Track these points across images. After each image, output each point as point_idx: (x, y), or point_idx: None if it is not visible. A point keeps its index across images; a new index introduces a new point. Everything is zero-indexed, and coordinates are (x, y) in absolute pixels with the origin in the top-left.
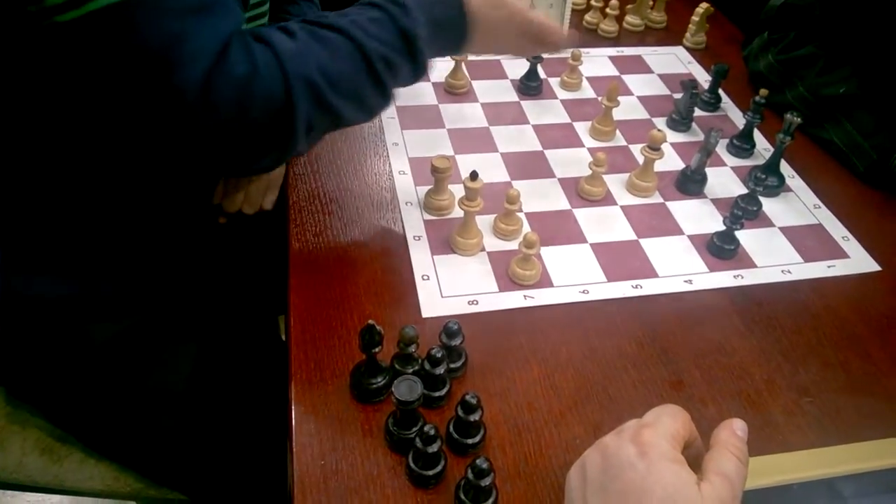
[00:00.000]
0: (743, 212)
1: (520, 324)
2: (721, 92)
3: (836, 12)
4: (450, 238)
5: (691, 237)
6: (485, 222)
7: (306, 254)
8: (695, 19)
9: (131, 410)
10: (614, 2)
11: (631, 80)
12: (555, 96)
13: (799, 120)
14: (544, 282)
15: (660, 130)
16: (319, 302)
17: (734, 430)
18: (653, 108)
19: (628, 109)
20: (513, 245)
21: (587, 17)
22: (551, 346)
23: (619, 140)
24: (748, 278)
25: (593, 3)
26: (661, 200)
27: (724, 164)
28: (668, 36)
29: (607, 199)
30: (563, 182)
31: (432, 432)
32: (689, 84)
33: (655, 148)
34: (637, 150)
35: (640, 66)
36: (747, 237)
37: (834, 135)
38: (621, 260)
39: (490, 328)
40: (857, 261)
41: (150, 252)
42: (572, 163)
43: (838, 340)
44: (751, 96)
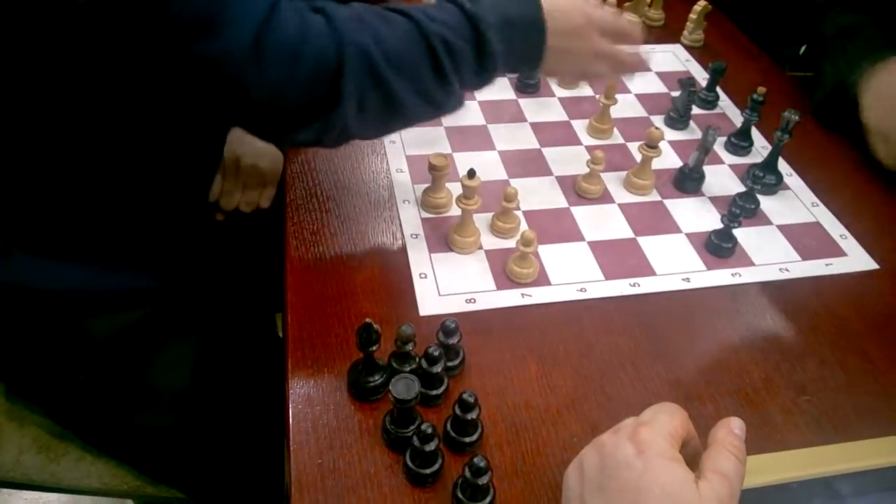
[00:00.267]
0: (741, 210)
1: (517, 322)
2: (719, 90)
3: None
4: (447, 236)
5: (689, 235)
6: (482, 220)
7: (303, 252)
8: (692, 17)
9: (129, 407)
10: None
11: (629, 78)
12: (553, 94)
13: (797, 118)
14: (542, 280)
15: (658, 128)
16: (316, 300)
17: (732, 429)
18: (651, 106)
19: (626, 107)
20: (510, 243)
21: None
22: (549, 344)
23: (617, 138)
24: (746, 276)
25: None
26: (659, 198)
27: (722, 162)
28: (666, 34)
29: (605, 198)
30: (561, 180)
31: (429, 431)
32: (687, 82)
33: (653, 146)
34: (635, 148)
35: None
36: (745, 235)
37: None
38: (619, 258)
39: (487, 326)
40: (855, 259)
41: (148, 247)
42: (570, 161)
43: (836, 339)
44: (748, 94)
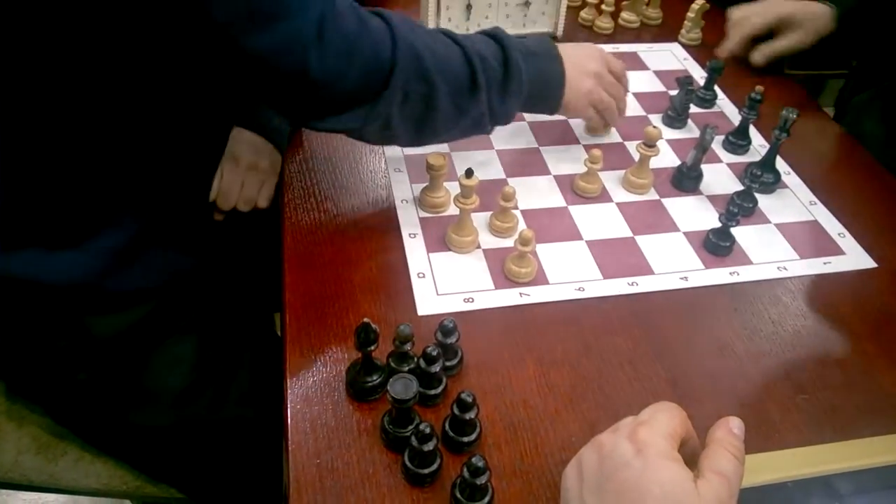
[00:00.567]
0: (739, 208)
1: (515, 321)
2: (717, 88)
3: None
4: (445, 236)
5: (687, 234)
6: (480, 220)
7: (301, 251)
8: (690, 16)
9: (129, 406)
10: None
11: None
12: None
13: (795, 117)
14: (540, 279)
15: (655, 127)
16: (314, 300)
17: (731, 428)
18: (648, 105)
19: None
20: (508, 242)
21: (582, 14)
22: (547, 343)
23: (615, 137)
24: (744, 275)
25: None
26: (657, 197)
27: (720, 161)
28: (664, 32)
29: (603, 197)
30: (559, 179)
31: (428, 430)
32: (685, 81)
33: (651, 145)
34: (633, 146)
35: (636, 63)
36: (743, 234)
37: None
38: (617, 257)
39: (486, 326)
40: (853, 257)
41: (148, 246)
42: (568, 160)
43: (834, 337)
44: (746, 93)
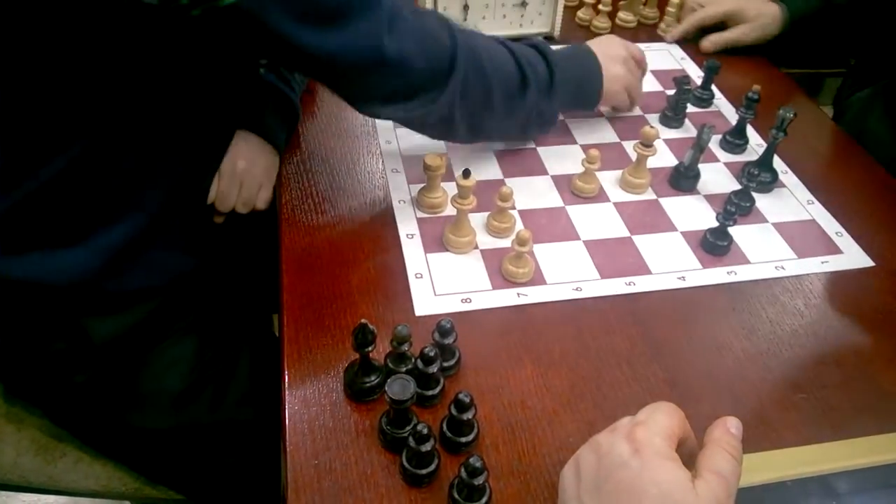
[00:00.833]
0: (736, 208)
1: (513, 322)
2: (714, 88)
3: None
4: (443, 236)
5: (684, 234)
6: (478, 220)
7: (299, 252)
8: (670, 10)
9: (127, 408)
10: None
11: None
12: None
13: (792, 116)
14: (537, 279)
15: (653, 127)
16: (312, 301)
17: (728, 428)
18: (646, 105)
19: None
20: (506, 243)
21: (579, 14)
22: (544, 343)
23: (612, 137)
24: (741, 274)
25: None
26: (655, 197)
27: (717, 160)
28: None
29: (600, 196)
30: (556, 179)
31: (425, 431)
32: (682, 80)
33: (648, 145)
34: (630, 146)
35: None
36: (740, 233)
37: None
38: (614, 257)
39: (483, 326)
40: (851, 256)
41: (147, 248)
42: (565, 160)
43: (832, 336)
44: (743, 92)
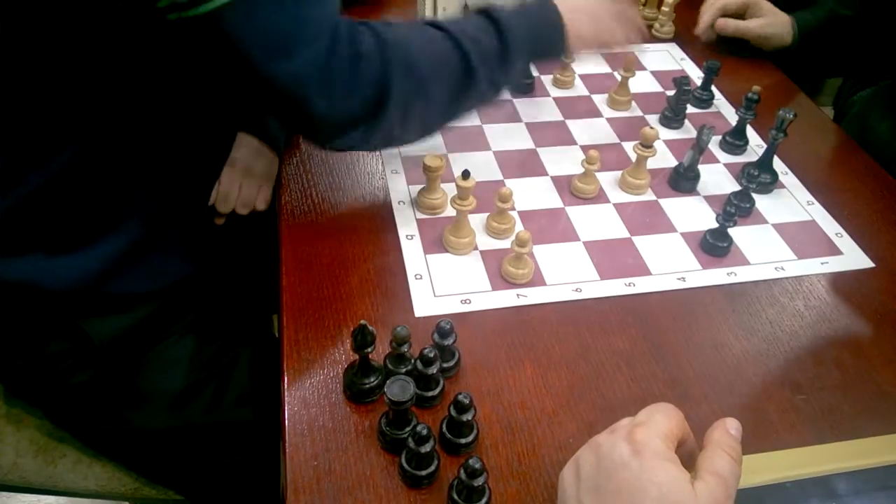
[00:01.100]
0: (736, 209)
1: (512, 323)
2: (714, 89)
3: None
4: (442, 237)
5: (684, 235)
6: (477, 221)
7: (299, 253)
8: (665, 10)
9: (126, 409)
10: None
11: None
12: (547, 94)
13: (792, 116)
14: (537, 280)
15: (652, 128)
16: (312, 302)
17: (728, 429)
18: (645, 106)
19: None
20: (505, 244)
21: None
22: (544, 344)
23: (612, 137)
24: (741, 275)
25: None
26: (654, 198)
27: (717, 161)
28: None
29: (600, 197)
30: (556, 180)
31: (425, 432)
32: (682, 81)
33: (648, 145)
34: (630, 147)
35: (633, 63)
36: (740, 234)
37: None
38: (614, 258)
39: (483, 327)
40: (851, 257)
41: (147, 250)
42: (565, 161)
43: (831, 337)
44: (743, 93)
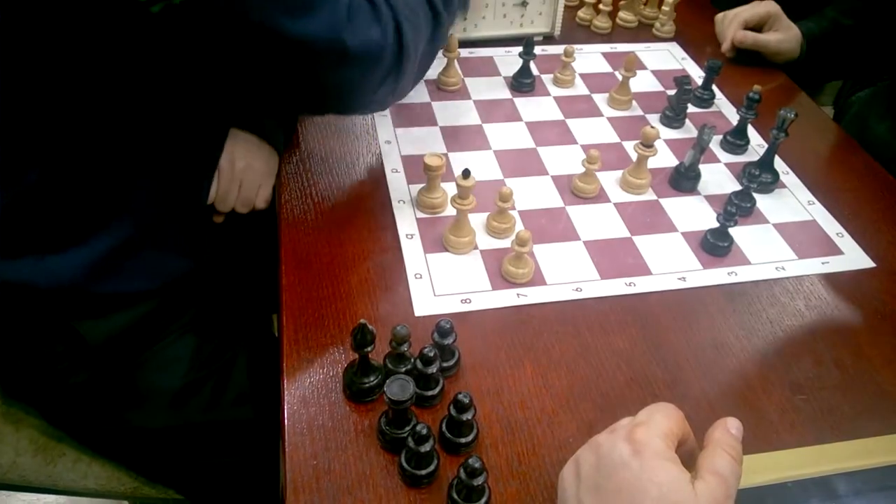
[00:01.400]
0: (737, 208)
1: (513, 322)
2: (715, 88)
3: None
4: (442, 236)
5: (685, 234)
6: (478, 220)
7: (298, 252)
8: (665, 9)
9: (125, 408)
10: None
11: None
12: (548, 93)
13: (793, 116)
14: (537, 280)
15: (653, 127)
16: (311, 301)
17: (728, 429)
18: (646, 105)
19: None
20: (506, 243)
21: (580, 14)
22: (544, 344)
23: (613, 137)
24: (742, 275)
25: None
26: (655, 197)
27: (718, 161)
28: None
29: (601, 197)
30: (556, 179)
31: (424, 431)
32: (683, 80)
33: (649, 145)
34: (630, 146)
35: (634, 63)
36: (741, 234)
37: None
38: (615, 257)
39: (483, 327)
40: (852, 257)
41: (145, 249)
42: (565, 160)
43: (832, 337)
44: (744, 93)
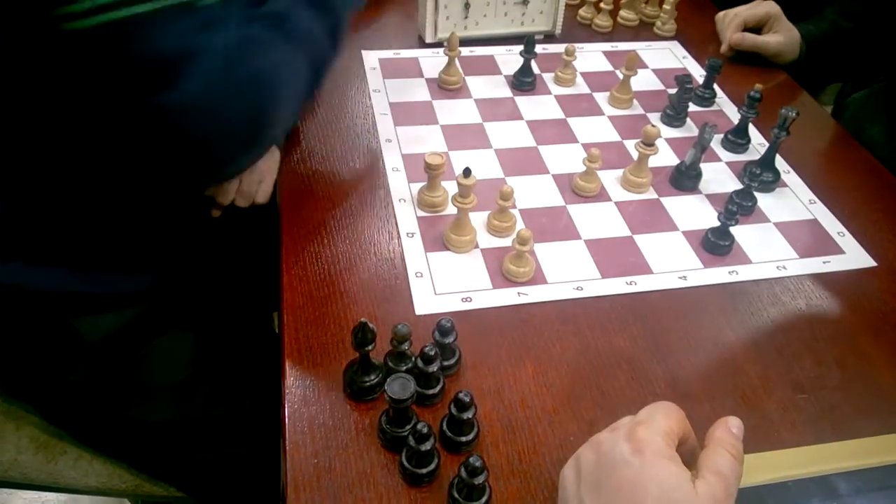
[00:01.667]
0: (738, 207)
1: (513, 321)
2: (716, 87)
3: None
4: (443, 235)
5: (686, 233)
6: (478, 219)
7: (298, 250)
8: (666, 7)
9: (125, 404)
10: None
11: None
12: (549, 92)
13: (794, 115)
14: (538, 279)
15: (654, 126)
16: (312, 299)
17: (729, 428)
18: (647, 104)
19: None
20: (506, 242)
21: (581, 13)
22: (545, 343)
23: (614, 135)
24: (743, 274)
25: None
26: (656, 196)
27: (719, 160)
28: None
29: (601, 195)
30: (557, 178)
31: (425, 430)
32: (684, 79)
33: (650, 144)
34: (631, 145)
35: (635, 62)
36: (742, 233)
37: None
38: (615, 256)
39: (484, 325)
40: (853, 256)
41: (143, 244)
42: (566, 159)
43: (833, 336)
44: (746, 91)
